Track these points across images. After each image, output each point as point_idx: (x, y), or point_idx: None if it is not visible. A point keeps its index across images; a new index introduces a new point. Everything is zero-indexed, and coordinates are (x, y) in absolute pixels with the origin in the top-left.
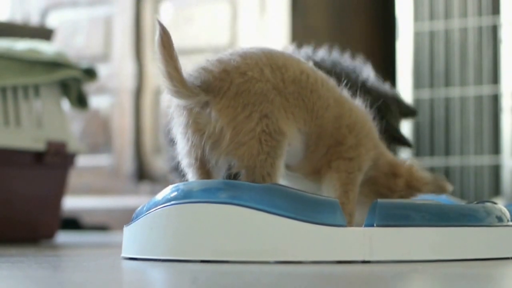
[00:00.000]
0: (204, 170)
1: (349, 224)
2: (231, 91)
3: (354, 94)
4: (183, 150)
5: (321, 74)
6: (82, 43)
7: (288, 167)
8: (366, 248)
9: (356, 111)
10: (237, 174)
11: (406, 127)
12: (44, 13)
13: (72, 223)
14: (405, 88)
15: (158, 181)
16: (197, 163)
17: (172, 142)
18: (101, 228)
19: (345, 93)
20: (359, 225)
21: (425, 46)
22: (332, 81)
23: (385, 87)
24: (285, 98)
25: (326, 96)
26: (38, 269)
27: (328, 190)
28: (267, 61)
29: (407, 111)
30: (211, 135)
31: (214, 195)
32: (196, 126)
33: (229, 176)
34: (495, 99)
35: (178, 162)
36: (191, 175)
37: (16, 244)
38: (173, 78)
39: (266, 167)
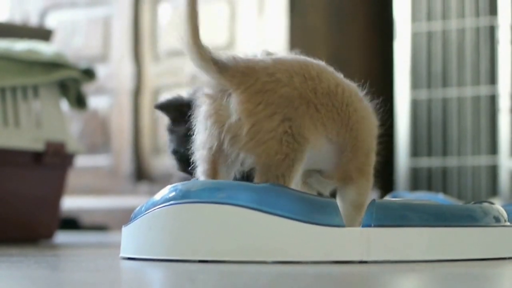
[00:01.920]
0: (213, 165)
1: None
2: (255, 87)
3: None
4: (199, 141)
5: (354, 86)
6: (81, 43)
7: (321, 173)
8: (363, 248)
9: (376, 119)
10: (249, 175)
11: (403, 128)
12: (43, 14)
13: (71, 223)
14: (402, 88)
15: (156, 181)
16: (209, 156)
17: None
18: (100, 228)
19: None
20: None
21: (422, 46)
22: (361, 92)
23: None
24: (315, 109)
25: (361, 108)
26: (37, 269)
27: (353, 194)
28: (299, 70)
29: None
30: (230, 128)
31: (212, 195)
32: (217, 117)
33: (242, 176)
34: (493, 100)
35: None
36: (200, 169)
37: (15, 244)
38: (191, 33)
39: (282, 167)
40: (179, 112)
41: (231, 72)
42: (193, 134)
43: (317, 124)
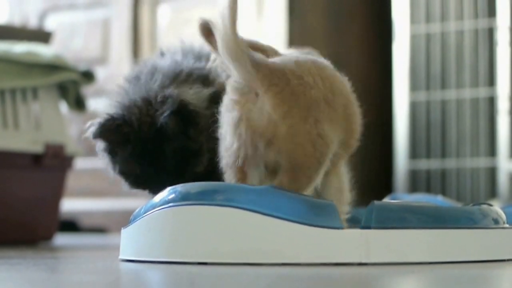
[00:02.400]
0: (243, 171)
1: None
2: (287, 91)
3: None
4: (230, 148)
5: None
6: (80, 45)
7: None
8: (363, 250)
9: None
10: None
11: (402, 130)
12: (42, 16)
13: (70, 225)
14: (401, 90)
15: None
16: (239, 161)
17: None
18: (99, 230)
19: None
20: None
21: (421, 48)
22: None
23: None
24: (333, 109)
25: (356, 103)
26: (36, 271)
27: (335, 180)
28: (316, 70)
29: None
30: (265, 132)
31: (211, 197)
32: (248, 122)
33: None
34: (491, 101)
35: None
36: (229, 176)
37: (14, 246)
38: (231, 24)
39: (311, 169)
40: (120, 134)
41: (262, 71)
42: (221, 141)
43: (335, 125)
